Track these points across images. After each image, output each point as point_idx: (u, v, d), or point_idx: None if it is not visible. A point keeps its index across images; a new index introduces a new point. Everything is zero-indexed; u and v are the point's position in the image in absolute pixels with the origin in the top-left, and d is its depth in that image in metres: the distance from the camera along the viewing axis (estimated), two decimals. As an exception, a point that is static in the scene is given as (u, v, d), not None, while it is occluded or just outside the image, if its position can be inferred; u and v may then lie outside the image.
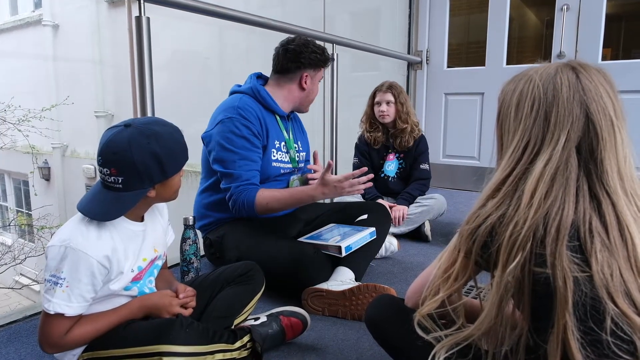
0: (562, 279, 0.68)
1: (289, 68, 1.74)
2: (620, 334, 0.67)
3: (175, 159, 1.06)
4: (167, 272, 1.26)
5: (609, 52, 3.22)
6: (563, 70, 0.79)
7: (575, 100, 0.76)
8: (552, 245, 0.70)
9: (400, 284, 1.79)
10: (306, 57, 1.72)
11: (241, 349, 1.14)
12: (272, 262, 1.55)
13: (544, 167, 0.75)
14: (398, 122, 2.47)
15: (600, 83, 0.77)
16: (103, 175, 1.01)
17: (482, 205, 0.80)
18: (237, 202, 1.62)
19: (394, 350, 1.01)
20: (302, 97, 1.80)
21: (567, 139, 0.75)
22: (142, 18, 1.59)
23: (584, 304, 0.68)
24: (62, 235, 0.99)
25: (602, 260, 0.69)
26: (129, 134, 0.99)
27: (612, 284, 0.68)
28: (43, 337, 0.99)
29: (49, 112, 6.23)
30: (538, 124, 0.78)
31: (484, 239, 0.77)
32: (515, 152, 0.80)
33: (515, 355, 0.76)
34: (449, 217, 2.61)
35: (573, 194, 0.73)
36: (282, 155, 1.77)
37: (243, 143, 1.62)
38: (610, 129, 0.75)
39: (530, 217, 0.72)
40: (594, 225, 0.71)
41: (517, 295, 0.74)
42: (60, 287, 0.96)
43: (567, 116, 0.76)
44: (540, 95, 0.78)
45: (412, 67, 3.85)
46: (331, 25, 3.69)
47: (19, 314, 1.47)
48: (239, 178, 1.62)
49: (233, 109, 1.64)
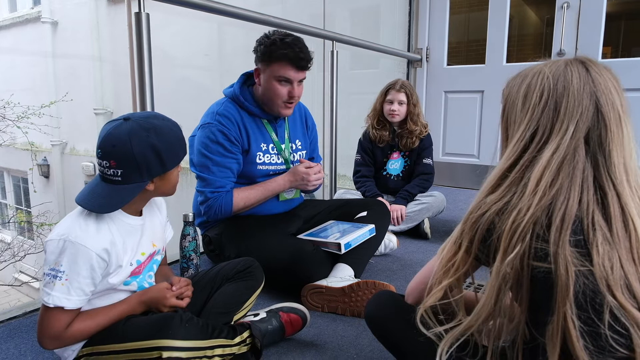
0: (565, 267, 0.69)
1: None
2: (618, 328, 0.67)
3: (174, 153, 1.06)
4: (166, 268, 1.27)
5: (609, 50, 3.22)
6: (573, 63, 0.80)
7: (585, 91, 0.77)
8: (556, 234, 0.71)
9: (399, 281, 1.79)
10: (256, 49, 1.66)
11: (240, 344, 1.15)
12: (272, 258, 1.55)
13: (552, 155, 0.76)
14: (409, 123, 2.42)
15: (609, 78, 0.79)
16: (102, 168, 1.01)
17: (487, 194, 0.81)
18: (212, 208, 1.66)
19: (394, 346, 1.01)
20: (261, 95, 1.69)
21: (575, 129, 0.76)
22: (141, 14, 1.58)
23: (584, 293, 0.69)
24: (60, 229, 0.99)
25: (603, 253, 0.69)
26: (129, 127, 1.00)
27: (612, 277, 0.68)
28: (42, 331, 0.99)
29: (48, 109, 6.23)
30: (547, 113, 0.79)
31: (486, 227, 0.77)
32: (520, 141, 0.81)
33: (513, 348, 0.77)
34: (448, 214, 2.61)
35: (579, 184, 0.74)
36: (270, 158, 1.76)
37: (218, 149, 1.64)
38: (618, 123, 0.76)
39: (534, 204, 0.73)
40: (597, 219, 0.72)
41: (515, 287, 0.74)
42: (59, 281, 0.96)
43: (577, 107, 0.77)
44: (550, 86, 0.79)
45: (412, 64, 3.85)
46: (331, 22, 3.69)
47: (19, 310, 1.47)
48: (212, 184, 1.65)
49: (212, 115, 1.68)
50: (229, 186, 1.68)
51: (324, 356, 1.25)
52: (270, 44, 1.60)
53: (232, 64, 4.74)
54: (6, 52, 7.30)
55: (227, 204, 1.66)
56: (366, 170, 2.52)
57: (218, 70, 4.95)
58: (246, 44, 1.86)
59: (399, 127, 2.48)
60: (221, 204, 1.66)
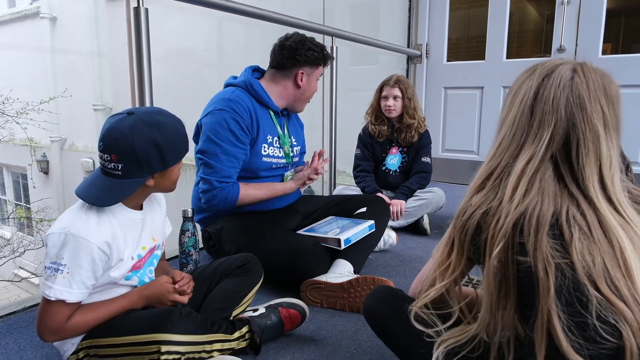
0: (544, 269, 0.68)
1: (284, 64, 1.72)
2: (607, 318, 0.67)
3: (175, 149, 1.06)
4: (165, 264, 1.27)
5: (609, 47, 3.22)
6: (562, 69, 0.77)
7: (561, 101, 0.75)
8: (533, 235, 0.70)
9: (398, 277, 1.79)
10: (302, 55, 1.71)
11: (239, 339, 1.15)
12: (271, 254, 1.55)
13: (526, 164, 0.75)
14: (405, 117, 2.45)
15: (598, 88, 0.75)
16: (103, 161, 1.01)
17: (473, 194, 0.81)
18: (216, 197, 1.63)
19: (392, 341, 1.01)
20: (297, 94, 1.78)
21: (550, 138, 0.75)
22: (140, 9, 1.58)
23: (568, 288, 0.68)
24: (62, 222, 0.99)
25: (581, 248, 0.69)
26: (132, 122, 1.00)
27: (595, 270, 0.68)
28: (43, 324, 0.99)
29: (47, 104, 6.21)
30: (524, 117, 0.78)
31: (473, 229, 0.77)
32: (502, 144, 0.80)
33: (507, 345, 0.77)
34: (448, 210, 2.61)
35: (552, 196, 0.73)
36: (274, 150, 1.76)
37: (228, 136, 1.61)
38: (596, 139, 0.73)
39: (512, 211, 0.73)
40: (571, 214, 0.71)
41: (503, 283, 0.74)
42: (61, 274, 0.96)
43: (550, 116, 0.75)
44: (531, 90, 0.78)
45: (411, 60, 3.84)
46: (331, 17, 3.68)
47: (18, 305, 1.47)
48: (218, 172, 1.62)
49: (224, 101, 1.64)
50: (234, 177, 1.65)
51: (323, 351, 1.26)
52: (321, 50, 1.76)
53: (231, 59, 4.73)
54: (5, 47, 7.27)
55: (233, 197, 1.64)
56: (366, 165, 2.53)
57: (217, 66, 4.94)
58: (245, 40, 1.85)
59: (398, 122, 2.50)
60: (227, 196, 1.63)
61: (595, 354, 0.67)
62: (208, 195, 1.64)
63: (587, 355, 0.67)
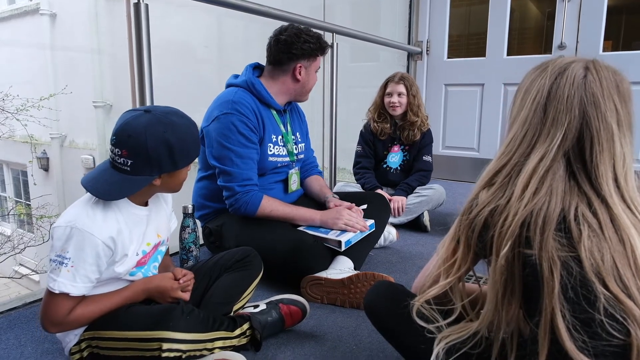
0: (549, 269, 0.68)
1: (281, 60, 1.69)
2: (613, 315, 0.67)
3: (187, 152, 1.06)
4: (167, 259, 1.27)
5: (609, 44, 3.21)
6: (575, 67, 0.76)
7: (575, 100, 0.74)
8: (539, 234, 0.70)
9: (398, 273, 1.80)
10: (298, 48, 1.67)
11: (240, 336, 1.15)
12: (272, 250, 1.55)
13: (538, 163, 0.75)
14: (409, 114, 2.43)
15: (611, 86, 0.74)
16: (113, 155, 1.01)
17: (480, 189, 0.80)
18: (239, 201, 1.61)
19: (392, 336, 1.01)
20: (296, 88, 1.75)
21: (563, 137, 0.74)
22: (140, 5, 1.57)
23: (573, 286, 0.68)
24: (68, 216, 0.99)
25: (590, 246, 0.68)
26: (147, 120, 0.99)
27: (604, 268, 0.67)
28: (46, 316, 1.00)
29: (47, 101, 6.20)
30: (537, 116, 0.77)
31: (481, 226, 0.77)
32: (512, 142, 0.80)
33: (510, 342, 0.77)
34: (448, 207, 2.61)
35: (561, 195, 0.72)
36: (278, 149, 1.76)
37: (239, 139, 1.60)
38: (610, 137, 0.73)
39: (521, 209, 0.72)
40: (581, 212, 0.71)
41: (509, 281, 0.74)
42: (65, 267, 0.96)
43: (564, 115, 0.74)
44: (544, 88, 0.77)
45: (412, 57, 3.83)
46: (331, 14, 3.66)
47: (19, 301, 1.47)
48: (237, 177, 1.60)
49: (229, 104, 1.62)
50: (255, 178, 1.64)
51: (323, 347, 1.26)
52: (317, 41, 1.71)
53: (232, 55, 4.71)
54: (5, 44, 7.25)
55: (254, 205, 1.61)
56: (366, 162, 2.52)
57: (217, 62, 4.93)
58: (245, 36, 1.85)
59: (401, 120, 2.49)
60: (248, 202, 1.60)
61: (600, 351, 0.67)
62: (231, 200, 1.62)
63: (592, 354, 0.67)
